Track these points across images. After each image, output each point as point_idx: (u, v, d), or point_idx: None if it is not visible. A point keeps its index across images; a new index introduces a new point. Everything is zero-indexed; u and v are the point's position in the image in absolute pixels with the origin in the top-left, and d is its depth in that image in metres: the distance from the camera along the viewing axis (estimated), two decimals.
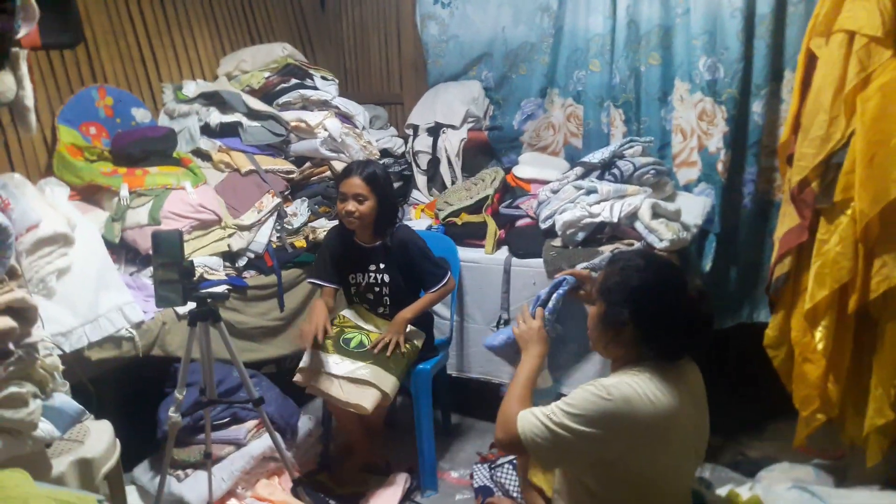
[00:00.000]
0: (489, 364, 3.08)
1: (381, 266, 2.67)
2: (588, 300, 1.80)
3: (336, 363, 2.53)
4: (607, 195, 2.81)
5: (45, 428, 1.79)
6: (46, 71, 2.96)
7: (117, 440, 2.17)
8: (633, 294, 1.60)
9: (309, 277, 2.81)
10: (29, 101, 2.02)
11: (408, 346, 2.63)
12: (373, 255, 2.67)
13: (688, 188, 3.22)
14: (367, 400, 2.46)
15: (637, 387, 1.54)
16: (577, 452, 1.58)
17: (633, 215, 2.73)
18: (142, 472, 2.66)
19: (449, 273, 2.70)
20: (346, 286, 2.77)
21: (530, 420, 1.60)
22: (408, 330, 2.65)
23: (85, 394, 2.17)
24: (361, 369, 2.49)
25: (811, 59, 2.38)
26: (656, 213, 2.74)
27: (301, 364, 2.59)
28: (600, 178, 2.98)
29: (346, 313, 2.72)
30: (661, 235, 2.67)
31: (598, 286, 1.69)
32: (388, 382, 2.50)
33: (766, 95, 2.98)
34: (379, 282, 2.68)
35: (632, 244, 2.72)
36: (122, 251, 2.78)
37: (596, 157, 3.01)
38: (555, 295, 1.91)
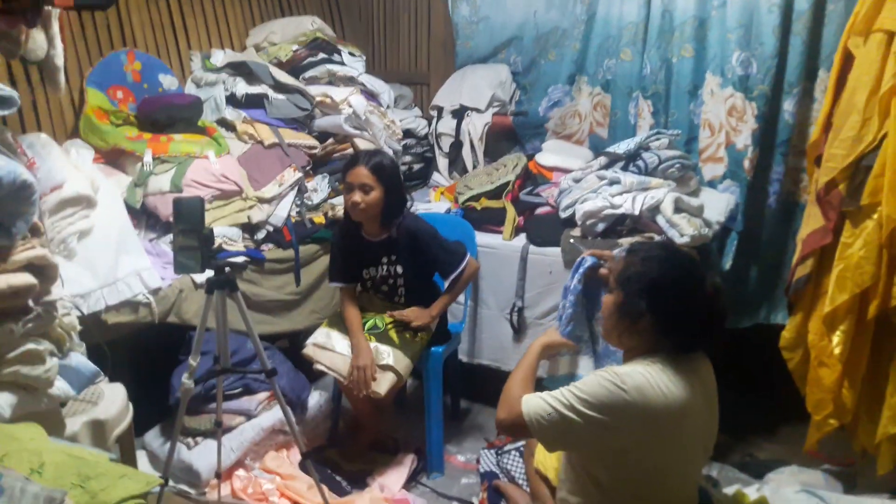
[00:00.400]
0: (500, 351, 3.08)
1: (393, 258, 2.64)
2: (607, 279, 1.78)
3: (347, 343, 2.55)
4: (630, 187, 2.79)
5: (61, 386, 1.81)
6: (77, 32, 2.97)
7: (130, 404, 2.20)
8: (653, 284, 1.59)
9: (330, 280, 2.78)
10: (59, 60, 2.04)
11: (422, 334, 2.63)
12: (382, 248, 2.64)
13: (712, 184, 3.19)
14: (381, 384, 2.48)
15: (650, 377, 1.54)
16: (583, 437, 1.57)
17: (656, 208, 2.70)
18: (153, 437, 2.69)
19: (467, 256, 2.67)
20: (361, 280, 2.76)
21: (536, 402, 1.60)
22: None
23: (100, 356, 2.19)
24: (376, 351, 2.51)
25: (847, 58, 2.33)
26: (679, 208, 2.71)
27: (311, 339, 2.61)
28: (624, 169, 2.95)
29: (360, 297, 2.74)
30: (683, 230, 2.64)
31: (616, 275, 1.68)
32: (402, 364, 2.51)
33: (799, 94, 2.94)
34: (392, 273, 2.67)
35: (652, 238, 2.69)
36: (143, 217, 2.79)
37: (621, 147, 2.99)
38: (575, 277, 1.91)
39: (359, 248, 2.66)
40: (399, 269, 2.65)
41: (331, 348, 2.58)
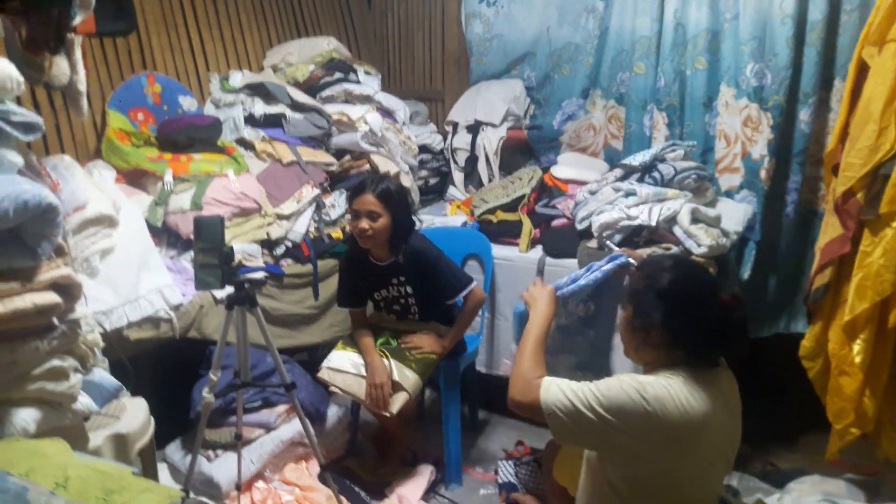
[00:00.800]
0: None
1: (402, 279, 2.64)
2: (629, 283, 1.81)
3: (361, 364, 2.57)
4: (646, 198, 2.79)
5: (85, 401, 1.84)
6: (99, 58, 3.04)
7: (152, 418, 2.23)
8: (661, 296, 1.60)
9: (339, 304, 2.80)
10: (82, 85, 2.09)
11: (433, 355, 2.65)
12: (390, 271, 2.63)
13: (729, 194, 3.18)
14: (394, 404, 2.50)
15: (671, 389, 1.53)
16: (596, 436, 1.56)
17: (672, 219, 2.70)
18: (174, 450, 2.72)
19: (471, 285, 2.62)
20: (373, 300, 2.77)
21: (555, 392, 1.58)
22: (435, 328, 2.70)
23: (122, 371, 2.23)
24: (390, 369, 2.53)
25: (862, 68, 2.33)
26: (696, 219, 2.71)
27: (326, 362, 2.63)
28: (640, 180, 2.95)
29: (372, 316, 2.76)
30: (700, 241, 2.64)
31: (626, 290, 1.70)
32: (411, 381, 2.52)
33: (815, 104, 2.94)
34: (403, 293, 2.68)
35: (669, 248, 2.69)
36: (164, 235, 2.84)
37: (637, 159, 2.99)
38: (607, 265, 1.93)
39: (367, 271, 2.67)
40: (409, 290, 2.66)
41: (345, 370, 2.60)
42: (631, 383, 1.54)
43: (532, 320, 1.86)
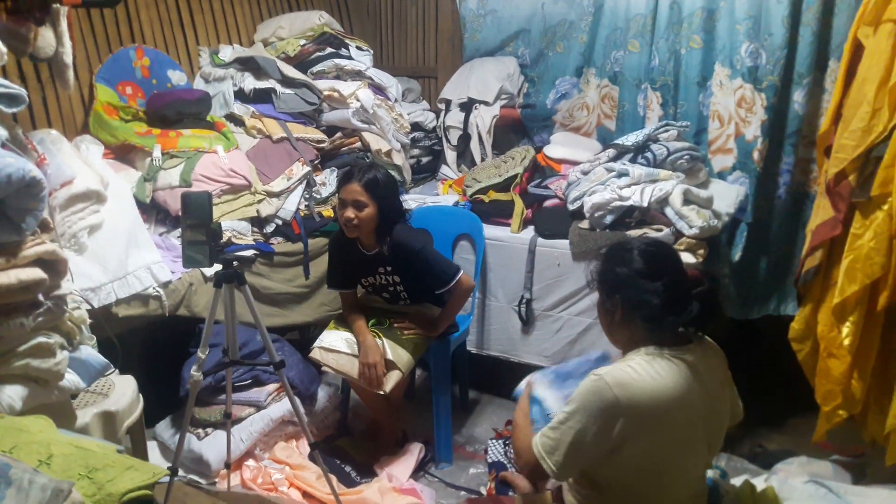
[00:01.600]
0: (509, 343, 3.09)
1: (389, 269, 2.62)
2: None
3: (354, 342, 2.56)
4: (639, 179, 2.78)
5: (71, 379, 1.83)
6: (86, 29, 2.99)
7: (140, 395, 2.22)
8: (613, 275, 1.67)
9: (329, 286, 2.79)
10: (68, 57, 2.05)
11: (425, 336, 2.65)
12: (377, 260, 2.61)
13: (722, 175, 3.18)
14: (387, 382, 2.50)
15: (632, 370, 1.55)
16: (588, 446, 1.56)
17: (664, 200, 2.70)
18: (163, 428, 2.72)
19: (458, 275, 2.59)
20: (362, 286, 2.75)
21: (539, 439, 1.63)
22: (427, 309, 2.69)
23: (111, 349, 2.22)
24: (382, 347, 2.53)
25: (857, 49, 2.31)
26: (688, 200, 2.71)
27: (318, 342, 2.62)
28: (633, 161, 2.94)
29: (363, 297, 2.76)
30: (692, 222, 2.64)
31: (593, 275, 1.75)
32: (404, 360, 2.53)
33: (809, 84, 2.92)
34: (391, 282, 2.66)
35: (660, 230, 2.69)
36: (153, 211, 2.82)
37: (629, 139, 2.98)
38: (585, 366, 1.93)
39: (354, 258, 2.64)
40: (397, 278, 2.65)
41: (337, 349, 2.59)
42: (589, 378, 1.57)
43: (520, 402, 1.92)
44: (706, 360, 1.66)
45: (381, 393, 2.52)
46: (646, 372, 1.55)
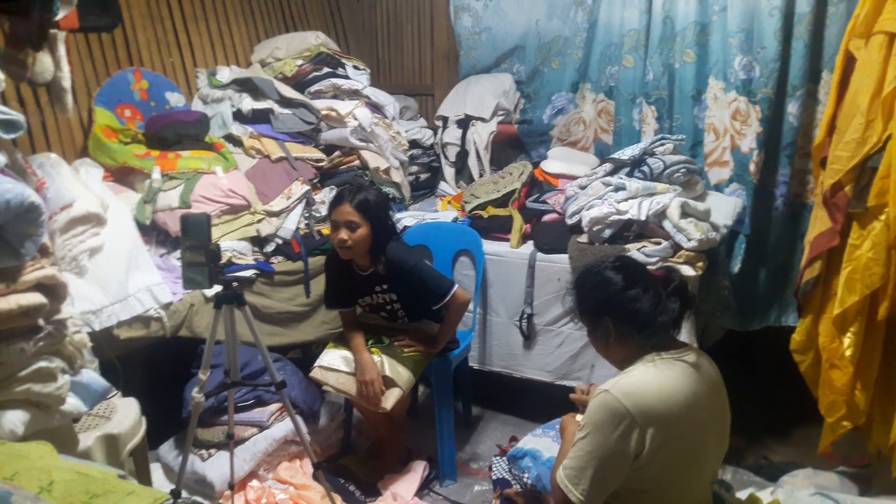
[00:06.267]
0: (511, 358, 3.09)
1: (385, 287, 2.62)
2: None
3: (352, 360, 2.56)
4: (636, 192, 2.79)
5: (73, 403, 1.83)
6: (84, 53, 3.01)
7: (143, 418, 2.22)
8: (583, 294, 1.74)
9: (327, 306, 2.79)
10: (66, 82, 2.06)
11: (426, 354, 2.65)
12: (373, 280, 2.60)
13: (719, 188, 3.19)
14: (387, 400, 2.49)
15: (636, 377, 1.58)
16: (611, 465, 1.56)
17: (662, 214, 2.70)
18: (167, 450, 2.71)
19: (453, 289, 2.58)
20: (359, 306, 2.74)
21: (561, 471, 1.62)
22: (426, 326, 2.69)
23: (113, 372, 2.21)
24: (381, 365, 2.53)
25: (849, 61, 2.33)
26: (685, 213, 2.71)
27: (318, 362, 2.62)
28: (630, 175, 2.95)
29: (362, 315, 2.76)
30: (690, 235, 2.64)
31: (572, 309, 1.80)
32: (404, 377, 2.52)
33: (803, 96, 2.94)
34: (388, 300, 2.66)
35: (659, 243, 2.69)
36: (153, 233, 2.82)
37: (626, 153, 2.99)
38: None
39: (350, 279, 2.63)
40: (394, 297, 2.64)
41: (337, 368, 2.59)
42: (596, 396, 1.58)
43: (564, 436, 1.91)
44: (702, 360, 1.69)
45: (382, 411, 2.51)
46: (650, 376, 1.57)
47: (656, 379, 1.57)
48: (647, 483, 1.61)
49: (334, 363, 2.59)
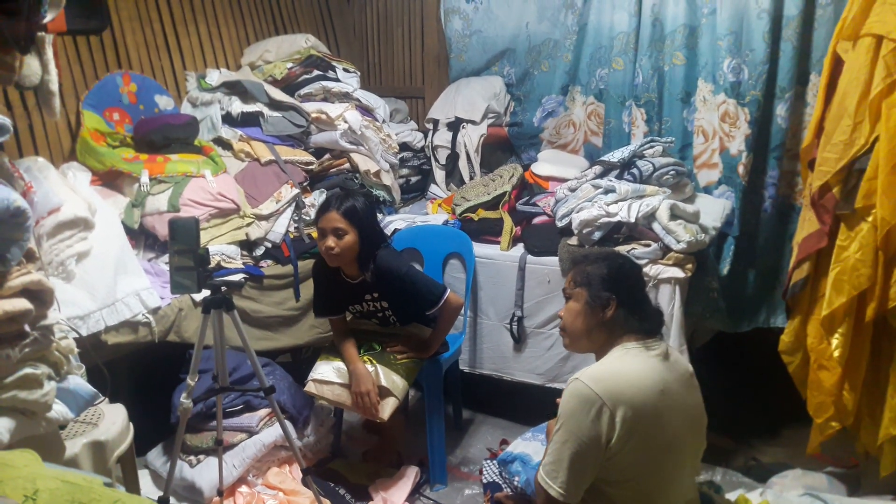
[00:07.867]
0: (501, 361, 3.08)
1: (375, 295, 2.61)
2: None
3: (345, 372, 2.55)
4: (625, 195, 2.79)
5: (59, 409, 1.81)
6: (72, 56, 2.99)
7: (131, 424, 2.20)
8: (611, 275, 1.78)
9: (316, 315, 2.78)
10: (53, 85, 2.05)
11: (418, 359, 2.65)
12: (363, 288, 2.59)
13: (708, 190, 3.20)
14: (384, 409, 2.49)
15: (606, 365, 1.66)
16: (586, 454, 1.58)
17: (651, 216, 2.71)
18: (155, 456, 2.70)
19: (445, 294, 2.58)
20: (350, 313, 2.74)
21: (541, 468, 1.66)
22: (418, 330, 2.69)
23: (100, 377, 2.20)
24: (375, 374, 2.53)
25: (837, 63, 2.34)
26: (675, 215, 2.72)
27: (311, 375, 2.61)
28: (619, 177, 2.96)
29: (353, 321, 2.75)
30: (679, 237, 2.65)
31: (572, 281, 1.82)
32: (399, 386, 2.52)
33: (791, 98, 2.95)
34: (379, 308, 2.66)
35: (648, 245, 2.70)
36: (142, 237, 2.81)
37: (615, 156, 2.99)
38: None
39: (339, 287, 2.62)
40: (384, 304, 2.64)
41: (331, 381, 2.58)
42: (568, 384, 1.63)
43: None
44: (673, 354, 1.76)
45: (379, 420, 2.51)
46: (620, 364, 1.64)
47: (626, 366, 1.64)
48: (623, 473, 1.64)
49: (327, 375, 2.58)
